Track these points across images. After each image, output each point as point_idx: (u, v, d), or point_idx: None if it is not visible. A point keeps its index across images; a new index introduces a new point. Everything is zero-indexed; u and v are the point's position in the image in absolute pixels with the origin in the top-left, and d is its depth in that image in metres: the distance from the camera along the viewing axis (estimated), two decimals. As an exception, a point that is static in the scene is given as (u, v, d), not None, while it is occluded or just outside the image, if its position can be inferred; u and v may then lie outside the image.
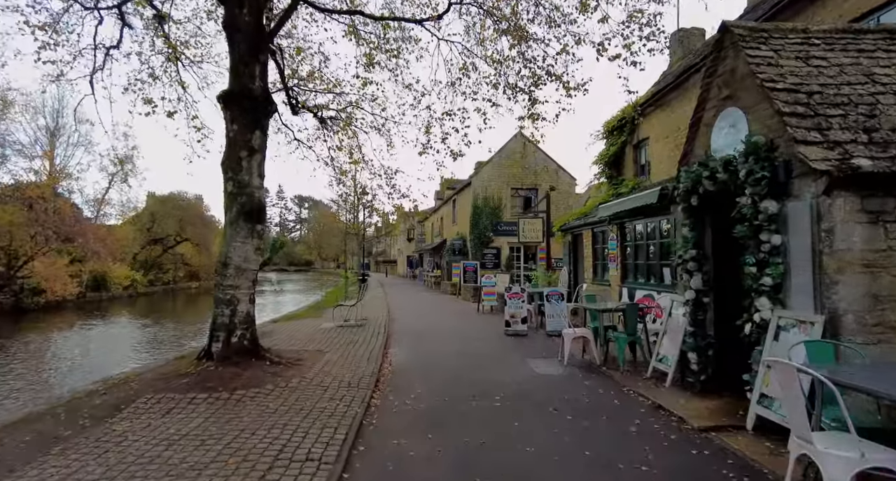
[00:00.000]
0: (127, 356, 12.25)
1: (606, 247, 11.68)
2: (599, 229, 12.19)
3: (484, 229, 24.60)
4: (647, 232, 9.80)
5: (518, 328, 10.49)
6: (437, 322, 13.15)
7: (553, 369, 7.33)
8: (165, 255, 34.31)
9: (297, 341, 9.34)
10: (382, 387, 6.21)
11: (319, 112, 8.93)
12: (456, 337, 10.42)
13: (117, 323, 19.67)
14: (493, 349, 8.95)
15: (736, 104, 5.25)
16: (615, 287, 11.05)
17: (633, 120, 14.06)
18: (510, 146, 25.31)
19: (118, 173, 27.89)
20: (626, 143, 14.63)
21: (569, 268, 14.25)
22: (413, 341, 9.90)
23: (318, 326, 11.69)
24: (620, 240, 10.86)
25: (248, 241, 6.48)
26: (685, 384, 5.93)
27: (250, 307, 6.60)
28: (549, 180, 24.99)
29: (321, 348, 8.49)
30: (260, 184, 6.65)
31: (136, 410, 4.78)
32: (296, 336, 10.10)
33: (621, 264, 10.80)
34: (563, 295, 10.68)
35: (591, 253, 12.71)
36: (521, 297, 10.63)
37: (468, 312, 15.50)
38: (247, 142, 6.48)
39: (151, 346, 14.00)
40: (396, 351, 8.80)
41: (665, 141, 12.13)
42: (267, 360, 6.45)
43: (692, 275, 5.90)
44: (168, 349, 12.94)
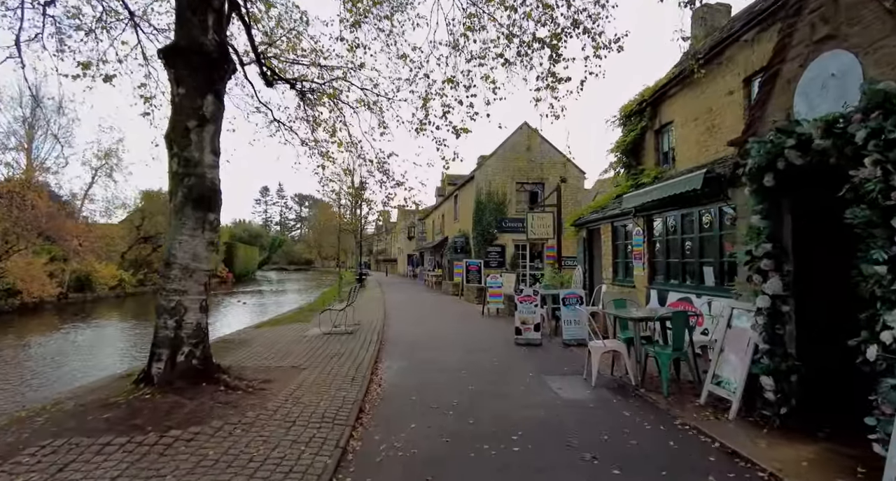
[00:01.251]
0: (91, 366, 10.93)
1: (630, 243, 10.32)
2: (621, 223, 10.82)
3: (487, 226, 23.23)
4: (683, 225, 8.43)
5: (531, 336, 9.13)
6: (437, 328, 11.80)
7: (579, 391, 5.97)
8: (156, 254, 32.95)
9: (273, 354, 8.00)
10: (367, 421, 4.86)
11: (298, 84, 7.58)
12: (459, 346, 9.07)
13: (98, 325, 18.35)
14: (503, 363, 7.60)
15: (841, 45, 3.88)
16: (641, 288, 9.68)
17: (653, 102, 12.74)
18: (515, 139, 23.93)
19: (102, 167, 26.52)
20: (646, 129, 13.26)
21: (583, 267, 12.88)
22: (409, 352, 8.55)
23: (302, 333, 10.35)
24: (647, 234, 9.49)
25: (198, 235, 5.14)
26: (757, 417, 4.57)
27: (201, 317, 5.25)
28: (556, 174, 23.62)
29: (298, 363, 7.14)
30: (213, 162, 5.31)
31: (15, 468, 3.43)
32: (274, 346, 8.76)
33: (649, 263, 9.44)
34: (582, 298, 9.32)
35: (610, 250, 11.34)
36: (534, 301, 9.27)
37: (472, 315, 14.15)
38: (196, 109, 5.13)
39: (124, 354, 12.67)
40: (389, 365, 7.45)
41: (693, 124, 10.77)
42: (222, 385, 5.11)
43: (766, 276, 4.54)
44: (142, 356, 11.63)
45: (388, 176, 8.31)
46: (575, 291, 9.35)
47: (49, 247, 22.25)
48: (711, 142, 10.03)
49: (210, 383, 5.05)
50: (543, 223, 15.07)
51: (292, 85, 7.50)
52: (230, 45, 6.24)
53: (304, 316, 13.64)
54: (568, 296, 9.30)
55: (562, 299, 9.28)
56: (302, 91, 7.66)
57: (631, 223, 10.16)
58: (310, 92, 7.47)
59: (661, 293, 8.84)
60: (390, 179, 8.39)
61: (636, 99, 13.70)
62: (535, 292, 9.34)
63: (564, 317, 9.19)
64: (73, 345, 13.98)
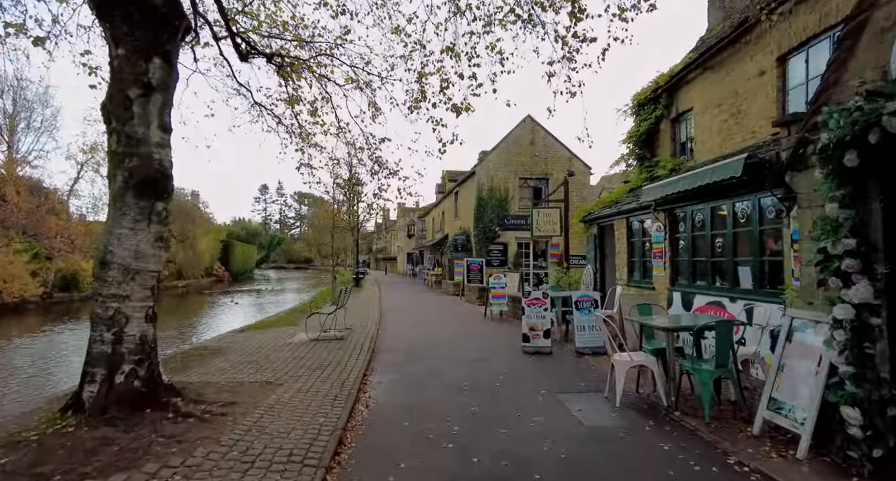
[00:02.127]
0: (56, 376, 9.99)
1: (648, 240, 9.37)
2: (638, 218, 9.87)
3: (489, 223, 22.27)
4: (713, 219, 7.47)
5: (540, 344, 8.19)
6: (436, 332, 10.86)
7: (604, 415, 5.03)
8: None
9: (250, 364, 7.06)
10: (345, 458, 3.92)
11: (277, 58, 6.63)
12: (460, 354, 8.13)
13: (80, 328, 17.43)
14: (510, 376, 6.65)
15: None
16: (661, 290, 8.74)
17: (669, 89, 11.79)
18: (518, 132, 22.98)
19: (88, 162, 25.53)
20: (661, 118, 12.32)
21: (594, 266, 11.93)
22: (404, 362, 7.61)
23: (287, 339, 9.42)
24: (670, 231, 8.54)
25: (142, 228, 4.20)
26: (837, 458, 3.63)
27: (147, 328, 4.32)
28: (561, 169, 22.66)
29: (275, 377, 6.20)
30: (162, 140, 4.36)
31: None
32: (254, 355, 7.82)
33: (671, 262, 8.49)
34: (597, 301, 8.37)
35: (625, 248, 10.39)
36: (544, 304, 8.33)
37: (474, 318, 13.20)
38: (139, 75, 4.18)
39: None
40: (380, 380, 6.51)
41: (715, 111, 9.83)
42: (171, 411, 4.17)
43: (849, 280, 3.59)
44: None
45: (379, 164, 7.37)
46: (589, 294, 8.40)
47: (31, 244, 21.32)
48: (737, 129, 9.08)
49: (156, 409, 4.11)
50: (549, 219, 14.11)
51: (269, 58, 6.54)
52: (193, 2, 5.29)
53: (294, 318, 12.70)
54: (582, 299, 8.35)
55: (574, 302, 8.34)
56: (281, 66, 6.70)
57: (650, 218, 9.21)
58: (289, 66, 6.51)
59: (686, 296, 7.90)
60: (382, 168, 7.45)
61: (650, 86, 12.75)
62: (544, 295, 8.39)
63: (578, 322, 8.25)
64: (45, 348, 13.05)
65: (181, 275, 34.68)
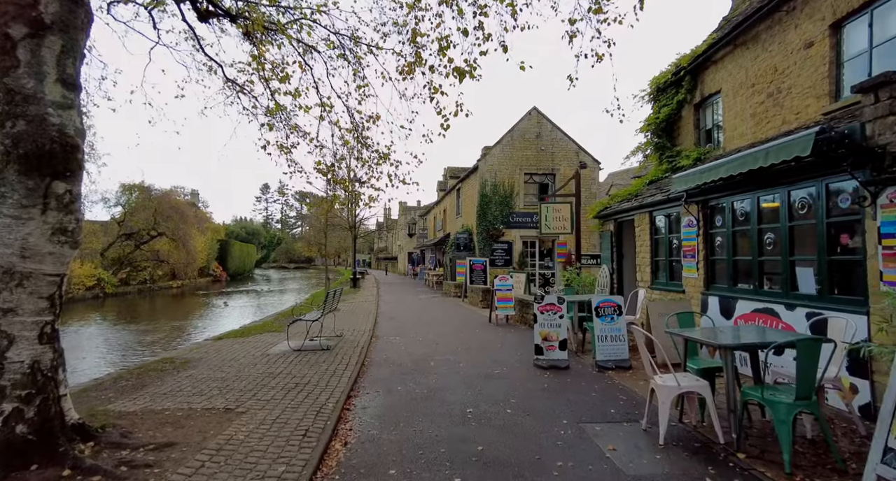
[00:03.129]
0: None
1: (677, 237, 8.24)
2: (664, 212, 8.74)
3: (493, 221, 21.14)
4: (760, 211, 6.33)
5: (555, 357, 7.08)
6: (436, 341, 9.75)
7: (646, 457, 3.91)
8: (140, 252, 31.05)
9: (213, 384, 5.96)
10: (303, 536, 2.82)
11: (244, 20, 5.52)
12: (462, 370, 7.02)
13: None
14: (524, 399, 5.54)
15: None
16: (693, 295, 7.61)
17: (693, 70, 10.70)
18: (522, 125, 21.84)
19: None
20: (683, 103, 11.21)
21: (610, 266, 10.80)
22: (398, 379, 6.50)
23: (267, 349, 8.34)
24: (704, 225, 7.42)
25: (33, 216, 3.11)
26: None
27: (42, 352, 3.22)
28: (568, 163, 21.53)
29: (237, 403, 5.10)
30: (65, 99, 3.26)
31: None
32: (221, 370, 6.74)
33: (705, 261, 7.36)
34: (621, 307, 7.25)
35: (647, 246, 9.26)
36: (560, 311, 7.21)
37: (477, 323, 12.09)
38: (26, 7, 3.09)
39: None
40: (365, 404, 5.40)
41: (749, 92, 8.73)
42: (69, 465, 3.07)
43: None
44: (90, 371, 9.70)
45: (367, 146, 6.27)
46: (612, 299, 7.27)
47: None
48: (775, 111, 7.97)
49: (47, 464, 3.01)
50: (560, 215, 12.99)
51: (233, 18, 5.44)
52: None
53: (281, 323, 11.60)
54: (603, 304, 7.23)
55: (595, 308, 7.22)
56: (249, 31, 5.60)
57: (679, 211, 8.08)
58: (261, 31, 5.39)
59: (726, 302, 6.76)
60: (372, 153, 6.35)
61: (670, 68, 11.63)
62: (559, 300, 7.27)
63: (599, 331, 7.13)
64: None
65: (175, 276, 33.70)
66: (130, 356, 11.20)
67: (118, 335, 15.65)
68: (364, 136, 6.18)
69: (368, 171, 6.37)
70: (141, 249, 30.56)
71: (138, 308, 24.40)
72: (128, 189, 29.90)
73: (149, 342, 13.83)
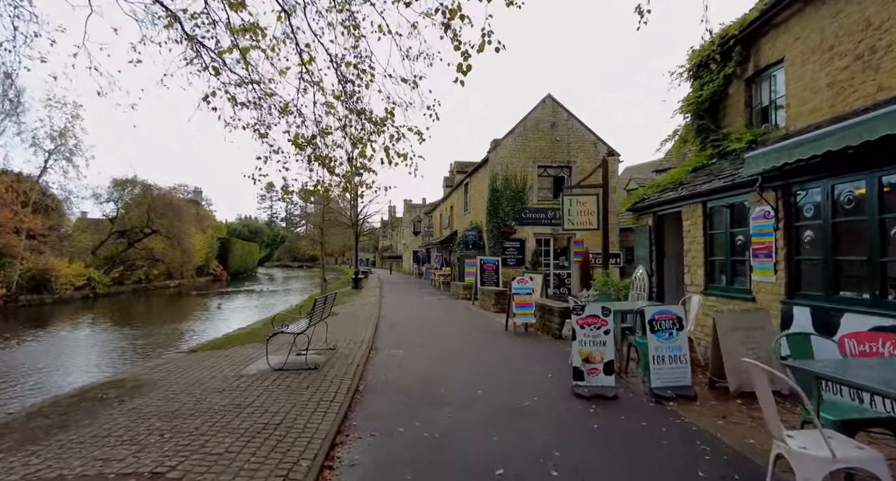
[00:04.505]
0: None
1: (742, 231, 6.70)
2: (723, 202, 7.20)
3: (504, 217, 19.63)
4: (883, 196, 4.79)
5: (600, 383, 5.60)
6: (446, 355, 8.30)
7: None
8: (134, 250, 29.76)
9: (158, 422, 4.53)
10: None
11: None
12: (484, 399, 5.55)
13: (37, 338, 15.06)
14: (569, 450, 4.05)
15: None
16: (769, 303, 6.09)
17: (745, 39, 9.20)
18: (536, 114, 20.30)
19: (58, 149, 23.08)
20: (731, 78, 9.72)
21: (649, 268, 9.29)
22: (399, 415, 5.03)
23: (243, 366, 6.92)
24: (786, 217, 5.89)
25: None
26: None
27: None
28: (586, 155, 19.98)
29: (174, 460, 3.65)
30: None
31: None
32: (177, 399, 5.31)
33: (787, 262, 5.84)
34: (682, 320, 5.75)
35: (700, 243, 7.74)
36: (605, 326, 5.73)
37: (492, 331, 10.60)
38: None
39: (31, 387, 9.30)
40: (354, 458, 3.93)
41: (827, 56, 7.24)
42: None
43: None
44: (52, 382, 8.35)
45: (358, 114, 4.81)
46: (670, 310, 5.77)
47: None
48: (867, 76, 6.45)
49: None
50: (585, 209, 11.49)
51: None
52: None
53: (269, 331, 10.18)
54: (660, 316, 5.74)
55: (649, 322, 5.72)
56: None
57: (747, 200, 6.56)
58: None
59: (823, 314, 5.24)
60: (365, 122, 4.88)
61: (714, 39, 10.10)
62: (605, 311, 5.78)
63: (655, 350, 5.64)
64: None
65: (173, 275, 32.42)
66: (80, 374, 9.80)
67: (99, 339, 14.31)
68: (354, 92, 4.72)
69: (360, 145, 4.90)
70: (135, 247, 29.29)
71: (129, 310, 23.11)
72: (119, 184, 28.60)
73: (125, 349, 12.47)
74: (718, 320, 5.74)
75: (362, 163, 5.25)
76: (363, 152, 4.95)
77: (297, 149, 5.09)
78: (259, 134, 5.64)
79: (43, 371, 10.11)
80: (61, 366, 10.57)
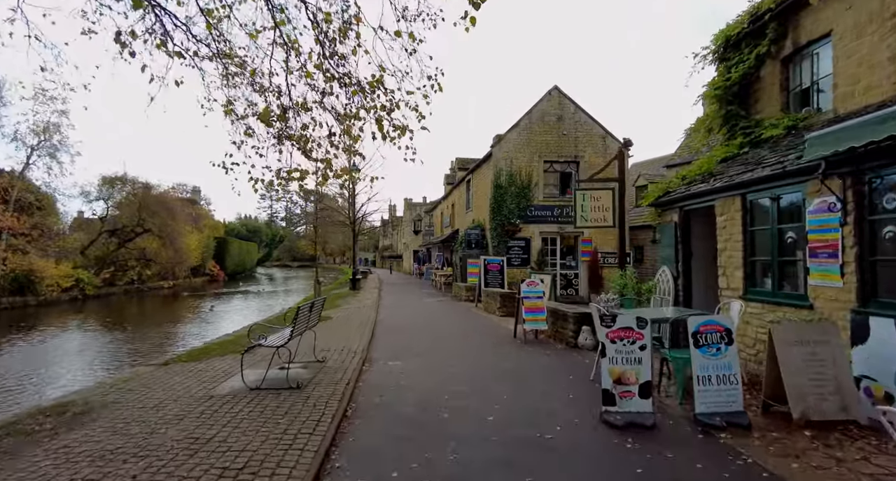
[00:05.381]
0: None
1: (795, 227, 5.74)
2: (768, 193, 6.24)
3: (508, 215, 18.68)
4: None
5: (635, 409, 4.66)
6: (449, 368, 7.38)
7: None
8: (126, 250, 28.82)
9: (91, 467, 3.60)
10: None
11: None
12: (496, 427, 4.62)
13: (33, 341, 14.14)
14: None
15: None
16: (833, 312, 5.14)
17: (781, 13, 8.28)
18: (542, 106, 19.34)
19: (42, 145, 22.08)
20: (764, 58, 8.80)
21: (674, 269, 8.35)
22: (392, 452, 4.09)
23: (217, 383, 6.00)
24: (856, 210, 4.94)
25: None
26: None
27: None
28: (594, 150, 19.03)
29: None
30: None
31: None
32: (126, 430, 4.38)
33: (858, 263, 4.89)
34: (731, 332, 4.80)
35: (738, 241, 6.78)
36: (640, 340, 4.79)
37: (500, 338, 9.66)
38: None
39: None
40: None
41: (887, 26, 6.34)
42: None
43: None
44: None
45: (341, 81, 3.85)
46: (717, 320, 4.84)
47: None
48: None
49: None
50: (600, 204, 10.54)
51: None
52: None
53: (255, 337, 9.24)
54: (705, 328, 4.80)
55: (693, 334, 4.78)
56: None
57: (802, 190, 5.60)
58: None
59: (910, 327, 4.30)
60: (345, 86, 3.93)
61: (744, 16, 9.19)
62: (640, 323, 4.84)
63: (700, 368, 4.70)
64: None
65: (166, 275, 31.49)
66: (25, 395, 8.86)
67: (76, 346, 13.38)
68: (336, 52, 3.78)
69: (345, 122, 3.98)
70: (126, 247, 28.35)
71: (117, 312, 22.18)
72: (109, 181, 27.65)
73: (104, 357, 11.55)
74: (776, 332, 4.80)
75: (349, 144, 4.32)
76: (348, 129, 4.02)
77: (266, 126, 4.15)
78: (225, 111, 4.70)
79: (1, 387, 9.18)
80: (25, 378, 9.64)
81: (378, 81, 3.82)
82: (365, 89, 3.85)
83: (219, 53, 4.75)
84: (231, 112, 4.77)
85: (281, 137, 4.18)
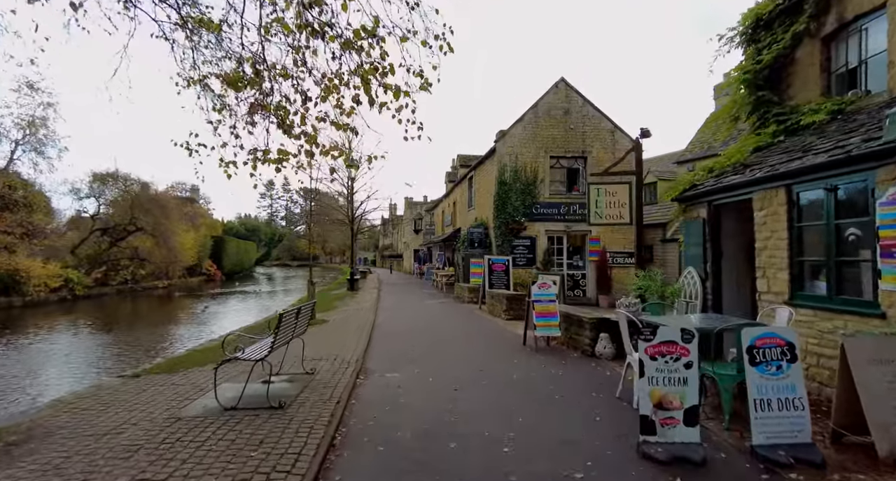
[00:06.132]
0: None
1: (857, 222, 4.93)
2: (822, 184, 5.42)
3: (513, 213, 17.87)
4: None
5: (681, 439, 3.86)
6: (455, 382, 6.58)
7: None
8: (118, 249, 28.03)
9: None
10: None
11: None
12: (514, 465, 3.83)
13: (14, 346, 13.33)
14: None
15: None
16: (909, 322, 4.34)
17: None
18: (548, 100, 18.53)
19: (27, 139, 21.25)
20: (801, 37, 8.00)
21: (702, 270, 7.55)
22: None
23: (191, 399, 5.20)
24: (945, 200, 4.13)
25: None
26: None
27: None
28: (602, 144, 18.23)
29: None
30: None
31: None
32: (59, 472, 3.58)
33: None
34: (794, 347, 4.00)
35: (783, 239, 5.97)
36: (686, 356, 3.99)
37: (508, 346, 8.86)
38: None
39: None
40: None
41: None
42: None
43: None
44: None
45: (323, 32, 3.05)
46: (776, 333, 4.04)
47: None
48: None
49: None
50: (615, 200, 9.74)
51: None
52: None
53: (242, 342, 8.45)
54: (762, 341, 4.00)
55: (748, 349, 3.98)
56: None
57: (876, 178, 4.78)
58: None
59: None
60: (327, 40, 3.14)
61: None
62: (685, 336, 4.03)
63: (757, 391, 3.91)
64: None
65: (160, 275, 30.69)
66: (49, 388, 8.07)
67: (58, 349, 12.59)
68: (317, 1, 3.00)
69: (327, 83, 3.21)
70: (118, 246, 27.56)
71: (107, 313, 21.39)
72: (99, 178, 26.84)
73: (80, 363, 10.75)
74: (850, 347, 3.99)
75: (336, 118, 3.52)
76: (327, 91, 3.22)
77: (234, 91, 3.37)
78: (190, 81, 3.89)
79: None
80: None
81: (364, 29, 3.03)
82: (350, 41, 3.06)
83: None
84: (197, 82, 3.97)
85: (255, 107, 3.39)
